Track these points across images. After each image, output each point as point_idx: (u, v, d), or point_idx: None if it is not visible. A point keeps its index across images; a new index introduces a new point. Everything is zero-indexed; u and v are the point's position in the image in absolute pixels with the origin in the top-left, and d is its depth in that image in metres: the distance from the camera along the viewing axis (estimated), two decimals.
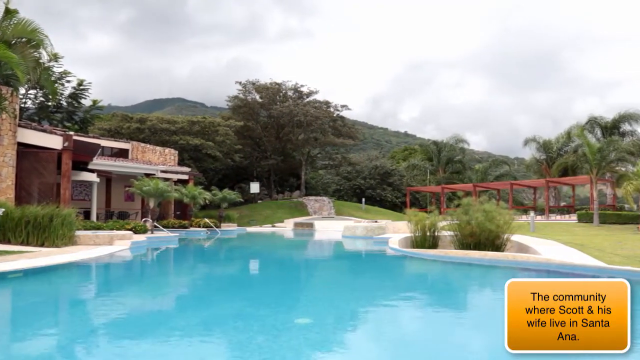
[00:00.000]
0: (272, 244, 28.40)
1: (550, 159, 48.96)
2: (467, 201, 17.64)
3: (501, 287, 11.86)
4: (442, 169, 60.08)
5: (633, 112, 43.78)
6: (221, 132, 47.86)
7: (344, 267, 17.69)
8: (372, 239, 25.38)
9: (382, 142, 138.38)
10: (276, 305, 9.23)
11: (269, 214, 46.16)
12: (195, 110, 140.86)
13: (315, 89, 57.48)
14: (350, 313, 8.70)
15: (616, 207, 39.94)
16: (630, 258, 15.27)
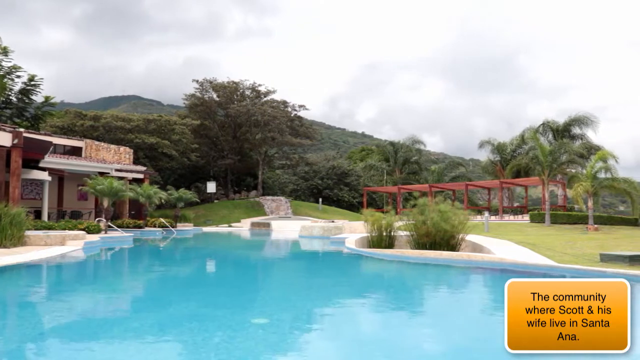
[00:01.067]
0: (228, 244, 28.21)
1: (505, 160, 49.91)
2: (423, 201, 17.85)
3: (455, 285, 12.07)
4: (398, 170, 60.60)
5: (583, 116, 45.09)
6: (177, 130, 47.35)
7: (301, 267, 17.69)
8: (329, 238, 25.44)
9: (339, 142, 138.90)
10: (232, 305, 9.17)
11: (226, 214, 45.85)
12: (151, 109, 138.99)
13: (273, 89, 57.38)
14: (307, 313, 8.71)
15: (567, 207, 40.96)
16: (580, 257, 15.69)
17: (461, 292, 11.38)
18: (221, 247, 25.74)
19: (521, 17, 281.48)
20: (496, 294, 11.36)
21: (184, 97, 55.87)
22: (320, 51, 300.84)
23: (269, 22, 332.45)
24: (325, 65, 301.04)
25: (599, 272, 11.53)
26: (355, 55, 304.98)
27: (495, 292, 11.53)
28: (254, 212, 47.38)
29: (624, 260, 13.97)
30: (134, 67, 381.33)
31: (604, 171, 30.55)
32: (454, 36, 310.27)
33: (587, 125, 45.32)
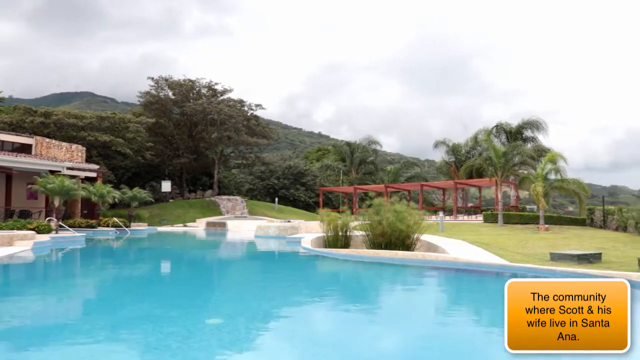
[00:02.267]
0: (183, 243, 27.93)
1: (459, 161, 50.67)
2: (379, 202, 17.98)
3: (410, 285, 12.20)
4: (354, 170, 60.90)
5: (535, 120, 46.19)
6: (132, 128, 46.59)
7: (256, 267, 17.64)
8: (284, 238, 25.42)
9: (296, 142, 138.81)
10: (187, 306, 9.09)
11: (181, 214, 45.37)
12: (105, 106, 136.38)
13: (230, 87, 56.90)
14: (262, 313, 8.69)
15: (519, 208, 41.83)
16: (531, 256, 16.06)
17: (416, 292, 11.52)
18: (176, 247, 25.46)
19: (477, 22, 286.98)
20: (450, 292, 11.55)
21: (139, 95, 54.98)
22: (278, 51, 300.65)
23: (228, 20, 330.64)
24: (284, 64, 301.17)
25: (548, 271, 11.82)
26: (313, 55, 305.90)
27: (450, 291, 11.71)
28: (210, 211, 47.00)
29: (572, 259, 14.38)
30: (88, 63, 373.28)
31: (554, 173, 31.35)
32: (412, 39, 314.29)
33: (538, 128, 46.43)
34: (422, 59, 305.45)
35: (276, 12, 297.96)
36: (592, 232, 26.71)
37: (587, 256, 14.64)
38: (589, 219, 31.97)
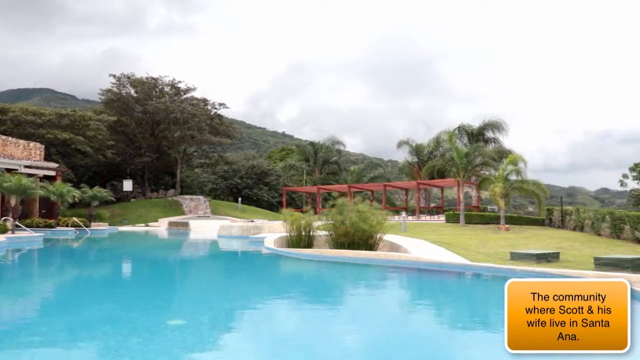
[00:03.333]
0: (145, 243, 27.58)
1: (422, 162, 51.11)
2: (342, 202, 18.04)
3: (373, 284, 12.25)
4: (318, 170, 60.96)
5: (495, 121, 46.98)
6: (92, 126, 45.80)
7: (219, 267, 17.53)
8: (248, 238, 25.29)
9: (259, 141, 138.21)
10: (148, 307, 8.97)
11: (143, 213, 44.80)
12: (65, 103, 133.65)
13: (193, 86, 56.29)
14: (224, 313, 8.63)
15: (480, 208, 42.41)
16: (492, 256, 16.29)
17: (379, 291, 11.57)
18: (138, 247, 25.13)
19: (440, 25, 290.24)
20: (412, 292, 11.64)
21: (100, 92, 53.97)
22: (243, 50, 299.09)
23: (193, 18, 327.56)
24: (248, 64, 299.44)
25: (509, 270, 11.98)
26: (278, 55, 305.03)
27: (412, 291, 11.80)
28: (172, 211, 46.55)
29: (531, 259, 14.65)
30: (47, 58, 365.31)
31: (514, 174, 31.81)
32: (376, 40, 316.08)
33: (499, 130, 47.22)
34: (386, 60, 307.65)
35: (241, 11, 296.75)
36: (551, 232, 27.23)
37: (545, 255, 14.92)
38: (548, 219, 32.57)
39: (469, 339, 6.81)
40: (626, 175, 58.43)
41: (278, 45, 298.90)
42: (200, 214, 46.58)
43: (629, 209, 50.66)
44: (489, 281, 11.91)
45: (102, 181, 50.65)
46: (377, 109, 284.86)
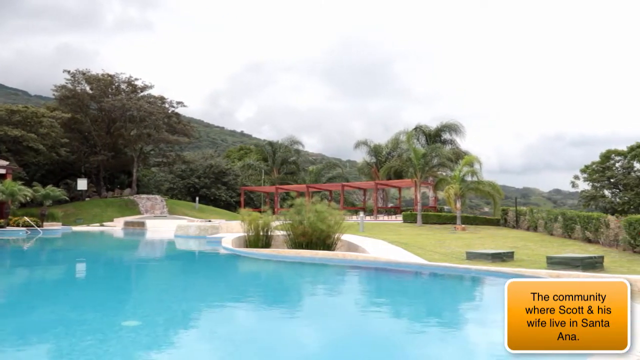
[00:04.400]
0: (100, 244, 27.10)
1: (380, 162, 51.49)
2: (300, 201, 18.06)
3: (330, 284, 12.27)
4: (276, 170, 60.83)
5: (452, 123, 47.68)
6: (45, 123, 44.73)
7: (176, 267, 17.34)
8: (205, 238, 25.10)
9: (217, 140, 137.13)
10: (102, 308, 8.81)
11: (98, 213, 44.02)
12: (17, 99, 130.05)
13: (151, 84, 55.50)
14: (181, 314, 8.53)
15: (437, 208, 42.94)
16: (448, 255, 16.51)
17: (336, 291, 11.61)
18: (92, 247, 24.67)
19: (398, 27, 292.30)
20: (370, 291, 11.71)
21: (53, 89, 52.72)
22: (202, 48, 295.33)
23: (151, 15, 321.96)
24: (206, 62, 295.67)
25: (464, 269, 12.17)
26: (236, 53, 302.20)
27: (370, 290, 11.87)
28: (128, 210, 45.86)
29: (486, 258, 14.90)
30: None
31: (470, 175, 32.34)
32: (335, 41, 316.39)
33: (456, 131, 47.92)
34: (345, 60, 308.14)
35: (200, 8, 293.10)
36: (505, 231, 27.75)
37: (500, 255, 15.20)
38: (503, 219, 33.17)
39: (425, 338, 6.89)
40: (577, 176, 59.92)
41: (237, 44, 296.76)
42: (157, 214, 46.01)
43: (580, 209, 51.96)
44: (445, 280, 12.06)
45: (55, 180, 49.54)
46: (336, 109, 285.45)
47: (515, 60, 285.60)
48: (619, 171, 56.87)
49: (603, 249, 18.44)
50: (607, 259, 15.04)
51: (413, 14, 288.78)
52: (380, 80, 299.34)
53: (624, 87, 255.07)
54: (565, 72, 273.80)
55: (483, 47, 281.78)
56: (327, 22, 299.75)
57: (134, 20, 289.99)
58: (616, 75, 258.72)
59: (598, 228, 20.49)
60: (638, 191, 52.85)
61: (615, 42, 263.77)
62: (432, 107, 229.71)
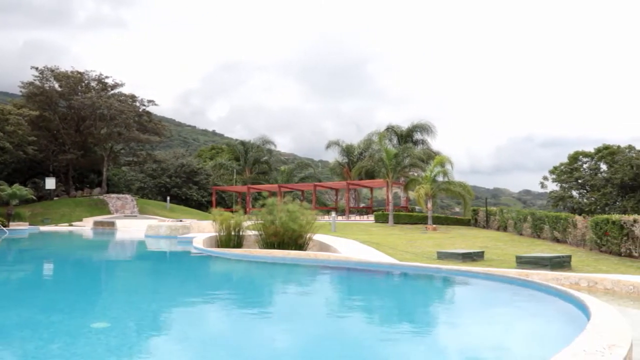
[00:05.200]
0: (68, 244, 26.70)
1: (352, 162, 51.65)
2: (272, 201, 18.05)
3: (303, 284, 12.21)
4: (248, 169, 60.63)
5: (424, 124, 48.08)
6: (12, 121, 43.91)
7: (146, 268, 17.15)
8: (176, 238, 24.92)
9: (189, 140, 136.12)
10: (71, 310, 8.66)
11: (66, 212, 43.39)
12: None
13: (121, 82, 54.83)
14: (151, 315, 8.42)
15: (408, 208, 43.21)
16: (419, 255, 16.62)
17: (307, 291, 11.58)
18: (60, 248, 24.28)
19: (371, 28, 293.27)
20: (342, 291, 11.70)
21: (21, 85, 51.74)
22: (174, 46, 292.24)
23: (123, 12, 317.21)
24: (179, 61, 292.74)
25: (435, 269, 12.24)
26: (209, 52, 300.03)
27: (341, 290, 11.87)
28: (98, 210, 45.29)
29: (457, 258, 15.05)
30: None
31: (441, 175, 32.60)
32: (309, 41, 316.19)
33: (428, 132, 48.32)
34: (319, 61, 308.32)
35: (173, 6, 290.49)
36: (476, 231, 28.03)
37: (471, 255, 15.36)
38: (474, 219, 33.50)
39: (396, 338, 6.89)
40: (546, 177, 60.91)
41: (210, 43, 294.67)
42: (127, 214, 45.55)
43: (549, 209, 52.78)
44: (416, 280, 12.11)
45: (22, 179, 48.72)
46: (309, 109, 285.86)
47: (487, 62, 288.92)
48: (586, 172, 57.93)
49: (571, 249, 18.73)
50: (574, 259, 15.29)
51: (387, 16, 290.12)
52: (353, 81, 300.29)
53: (592, 91, 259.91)
54: (535, 73, 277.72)
55: (455, 49, 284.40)
56: (301, 23, 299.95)
57: (107, 18, 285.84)
58: (585, 79, 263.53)
59: (566, 228, 20.81)
60: (604, 192, 53.86)
61: (583, 48, 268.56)
62: (404, 108, 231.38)
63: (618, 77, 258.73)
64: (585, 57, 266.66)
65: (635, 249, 16.17)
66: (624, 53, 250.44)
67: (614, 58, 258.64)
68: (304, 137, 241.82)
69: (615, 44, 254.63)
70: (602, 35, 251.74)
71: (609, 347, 3.77)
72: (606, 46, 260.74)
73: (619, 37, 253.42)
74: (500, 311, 8.54)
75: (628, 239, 16.47)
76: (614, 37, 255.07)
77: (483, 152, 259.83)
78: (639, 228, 15.97)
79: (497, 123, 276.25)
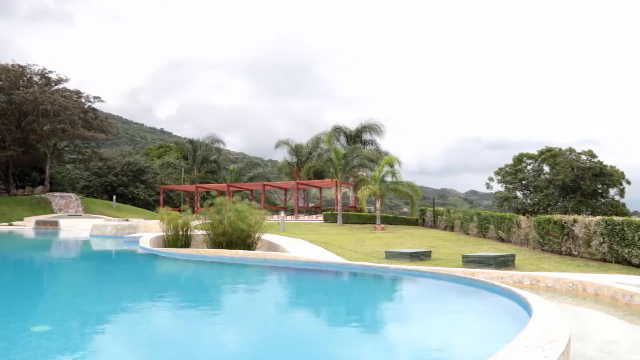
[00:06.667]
0: (8, 245, 25.88)
1: (301, 162, 51.71)
2: (221, 201, 17.95)
3: (252, 284, 12.13)
4: (197, 169, 60.01)
5: (373, 124, 48.51)
6: None
7: (91, 269, 16.75)
8: (122, 238, 24.46)
9: (137, 138, 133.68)
10: (9, 313, 8.35)
11: (6, 212, 42.10)
12: None
13: (66, 77, 53.38)
14: (95, 317, 8.20)
15: (357, 208, 43.48)
16: (368, 255, 16.73)
17: (255, 291, 11.50)
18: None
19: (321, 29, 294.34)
20: (290, 291, 11.67)
21: None
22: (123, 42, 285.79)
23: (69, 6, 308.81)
24: (128, 57, 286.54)
25: (383, 269, 12.31)
26: (159, 49, 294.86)
27: (289, 290, 11.84)
28: (41, 209, 44.06)
29: (405, 257, 15.21)
30: None
31: (390, 175, 32.93)
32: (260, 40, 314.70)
33: (377, 132, 48.75)
34: (270, 60, 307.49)
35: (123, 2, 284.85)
36: (424, 231, 28.40)
37: (418, 254, 15.55)
38: (421, 219, 33.95)
39: (343, 337, 6.90)
40: (492, 178, 62.21)
41: (160, 40, 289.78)
42: (71, 213, 44.50)
43: (494, 210, 53.97)
44: (364, 280, 12.17)
45: None
46: (259, 108, 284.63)
47: (436, 64, 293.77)
48: (530, 174, 59.44)
49: (515, 248, 19.18)
50: (518, 257, 15.67)
51: (337, 16, 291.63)
52: (304, 81, 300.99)
53: (537, 95, 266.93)
54: (484, 76, 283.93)
55: (406, 51, 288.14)
56: (252, 22, 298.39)
57: (52, 11, 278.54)
58: (530, 83, 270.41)
59: (510, 228, 21.30)
60: (547, 193, 55.37)
61: (528, 56, 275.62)
62: (354, 108, 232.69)
63: (561, 82, 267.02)
64: (529, 63, 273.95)
65: (575, 248, 16.66)
66: (565, 60, 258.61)
67: (556, 64, 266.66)
68: (254, 136, 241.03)
69: (557, 52, 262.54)
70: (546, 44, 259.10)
71: (548, 343, 3.90)
72: (549, 55, 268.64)
73: (561, 46, 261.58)
74: (447, 309, 8.65)
75: (569, 238, 16.96)
76: (556, 46, 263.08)
77: (432, 153, 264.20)
78: (579, 228, 16.45)
79: (446, 125, 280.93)
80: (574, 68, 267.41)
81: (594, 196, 54.79)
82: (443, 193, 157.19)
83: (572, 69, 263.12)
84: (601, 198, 55.44)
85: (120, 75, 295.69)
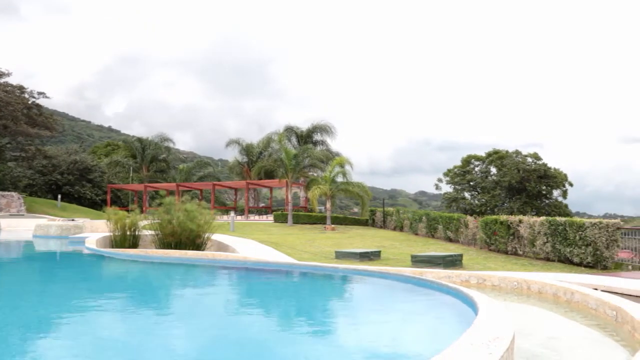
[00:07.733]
0: None
1: (252, 162, 51.48)
2: (169, 200, 17.76)
3: (200, 284, 12.01)
4: (146, 167, 59.07)
5: (324, 124, 48.67)
6: None
7: (33, 270, 16.26)
8: (67, 238, 23.91)
9: (83, 135, 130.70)
10: None
11: None
12: None
13: (8, 71, 51.69)
14: (37, 321, 7.95)
15: (308, 208, 43.53)
16: (318, 254, 16.76)
17: (204, 292, 11.37)
18: None
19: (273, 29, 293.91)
20: (239, 292, 11.59)
21: None
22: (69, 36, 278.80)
23: None
24: (74, 52, 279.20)
25: (332, 268, 12.35)
26: (107, 45, 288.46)
27: (238, 290, 11.75)
28: None
29: (355, 257, 15.31)
30: None
31: (341, 176, 33.09)
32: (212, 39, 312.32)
33: (328, 133, 48.92)
34: (222, 59, 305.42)
35: None
36: (373, 231, 28.64)
37: (368, 254, 15.66)
38: (371, 219, 34.23)
39: (293, 337, 6.88)
40: (441, 179, 63.25)
41: (108, 35, 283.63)
42: (13, 213, 43.25)
43: (443, 210, 54.85)
44: (314, 279, 12.17)
45: None
46: (210, 107, 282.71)
47: (386, 66, 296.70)
48: (478, 175, 60.67)
49: (462, 248, 19.53)
50: (465, 257, 15.95)
51: (289, 17, 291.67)
52: (255, 80, 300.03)
53: (485, 97, 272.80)
54: (432, 78, 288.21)
55: (358, 52, 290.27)
56: (204, 20, 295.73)
57: None
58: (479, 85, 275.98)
59: (458, 228, 21.66)
60: (494, 194, 56.60)
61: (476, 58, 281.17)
62: (305, 108, 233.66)
63: (508, 86, 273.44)
64: (477, 67, 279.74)
65: (521, 248, 17.06)
66: (511, 64, 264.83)
67: (503, 68, 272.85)
68: (204, 135, 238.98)
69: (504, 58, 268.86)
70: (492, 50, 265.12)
71: (493, 340, 3.98)
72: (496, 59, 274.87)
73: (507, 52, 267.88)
74: (395, 308, 8.72)
75: (514, 238, 17.36)
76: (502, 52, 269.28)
77: (382, 154, 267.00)
78: (524, 228, 16.85)
79: (396, 126, 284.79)
80: (520, 73, 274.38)
81: (538, 197, 56.30)
82: (393, 193, 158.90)
83: (518, 73, 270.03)
84: (545, 199, 57.02)
85: (67, 71, 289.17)
